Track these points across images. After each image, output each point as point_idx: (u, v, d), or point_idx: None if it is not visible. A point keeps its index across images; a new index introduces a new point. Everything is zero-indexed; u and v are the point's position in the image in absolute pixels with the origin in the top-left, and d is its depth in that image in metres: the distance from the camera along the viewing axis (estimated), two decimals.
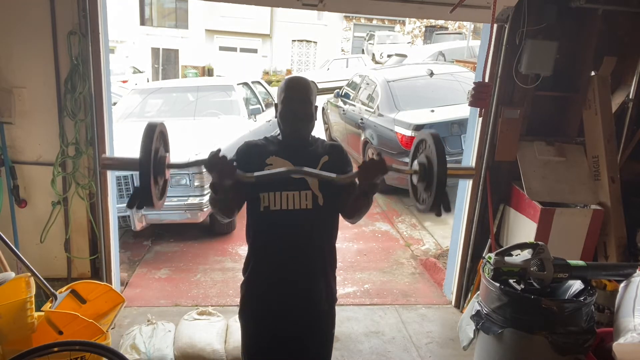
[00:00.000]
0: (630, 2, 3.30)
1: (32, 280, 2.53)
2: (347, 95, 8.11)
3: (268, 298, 1.86)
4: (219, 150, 1.61)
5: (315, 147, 1.88)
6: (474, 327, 2.61)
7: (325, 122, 9.61)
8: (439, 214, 1.62)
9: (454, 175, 1.71)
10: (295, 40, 23.87)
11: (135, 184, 4.52)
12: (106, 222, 3.35)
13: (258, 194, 1.78)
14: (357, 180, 1.70)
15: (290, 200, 1.77)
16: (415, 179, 1.72)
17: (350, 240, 5.11)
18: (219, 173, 1.61)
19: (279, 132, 1.91)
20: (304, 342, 1.90)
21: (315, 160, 1.82)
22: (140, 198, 1.56)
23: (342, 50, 23.76)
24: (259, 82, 7.86)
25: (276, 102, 1.86)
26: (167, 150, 1.73)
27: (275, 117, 1.86)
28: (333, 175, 1.68)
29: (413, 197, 1.79)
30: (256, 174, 1.65)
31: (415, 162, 1.74)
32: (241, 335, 1.97)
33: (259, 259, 1.87)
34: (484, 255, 3.19)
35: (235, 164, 1.64)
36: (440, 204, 1.60)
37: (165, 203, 5.17)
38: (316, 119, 1.87)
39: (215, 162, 1.59)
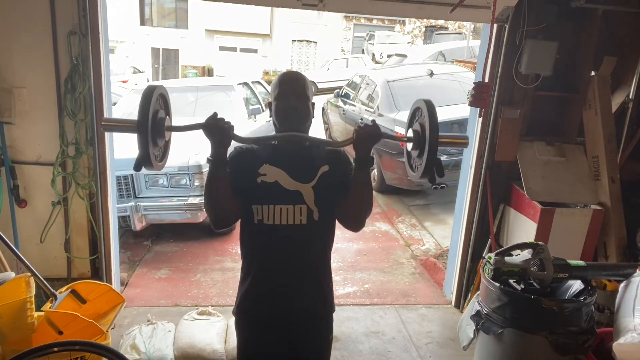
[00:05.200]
0: (630, 2, 3.30)
1: (32, 280, 2.53)
2: (347, 95, 8.12)
3: (263, 307, 1.81)
4: (216, 114, 1.62)
5: (314, 152, 1.78)
6: (474, 327, 2.60)
7: (325, 122, 9.61)
8: (431, 181, 1.62)
9: (447, 143, 1.70)
10: (295, 40, 23.85)
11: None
12: (106, 222, 3.35)
13: (251, 205, 1.72)
14: (353, 148, 1.68)
15: (284, 215, 1.70)
16: (409, 146, 1.74)
17: (350, 240, 5.11)
18: (217, 132, 1.61)
19: (273, 133, 1.82)
20: (300, 349, 1.85)
21: (313, 171, 1.73)
22: (139, 158, 1.58)
23: (342, 50, 23.73)
24: (259, 82, 7.86)
25: (270, 100, 1.80)
26: (167, 113, 1.73)
27: (270, 116, 1.81)
28: (329, 140, 1.69)
29: (407, 165, 1.80)
30: (253, 138, 1.70)
31: (410, 130, 1.74)
32: (237, 340, 1.93)
33: (254, 270, 1.81)
34: (484, 255, 3.19)
35: (233, 126, 1.64)
36: (433, 171, 1.60)
37: (165, 203, 5.16)
38: (314, 117, 1.79)
39: (213, 122, 1.61)
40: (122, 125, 1.76)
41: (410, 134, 1.74)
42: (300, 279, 1.80)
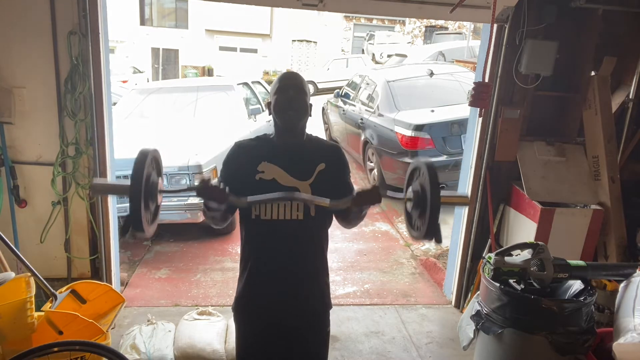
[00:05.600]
0: (630, 2, 3.30)
1: (32, 280, 2.53)
2: (347, 95, 8.11)
3: (260, 302, 1.85)
4: (209, 180, 1.63)
5: (311, 150, 1.82)
6: (474, 327, 2.60)
7: (325, 122, 9.60)
8: (437, 241, 1.65)
9: (447, 203, 1.73)
10: (295, 40, 23.82)
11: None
12: (106, 222, 3.35)
13: None
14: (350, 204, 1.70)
15: (281, 210, 1.75)
16: (409, 206, 1.73)
17: (350, 240, 5.11)
18: (210, 201, 1.64)
19: (273, 132, 1.86)
20: (297, 343, 1.88)
21: (310, 168, 1.77)
22: (130, 224, 1.55)
23: (342, 50, 23.73)
24: (259, 82, 7.86)
25: (269, 100, 1.82)
26: (159, 175, 1.71)
27: (270, 114, 1.83)
28: (327, 201, 1.67)
29: (407, 224, 1.79)
30: (249, 198, 1.67)
31: (410, 189, 1.74)
32: (235, 333, 1.97)
33: (251, 265, 1.85)
34: (484, 255, 3.19)
35: (227, 189, 1.64)
36: (434, 231, 1.62)
37: (166, 203, 5.17)
38: (311, 115, 1.83)
39: (206, 192, 1.62)
40: (114, 190, 1.72)
41: (409, 193, 1.74)
42: (297, 274, 1.83)
